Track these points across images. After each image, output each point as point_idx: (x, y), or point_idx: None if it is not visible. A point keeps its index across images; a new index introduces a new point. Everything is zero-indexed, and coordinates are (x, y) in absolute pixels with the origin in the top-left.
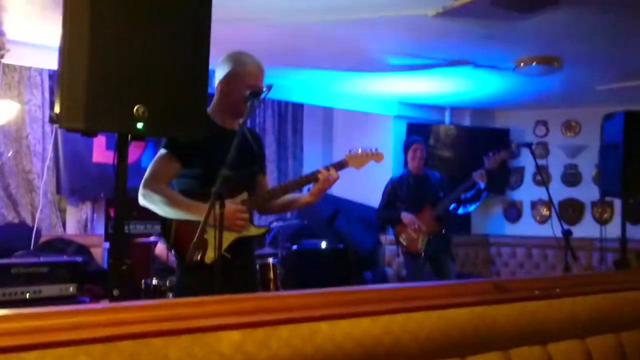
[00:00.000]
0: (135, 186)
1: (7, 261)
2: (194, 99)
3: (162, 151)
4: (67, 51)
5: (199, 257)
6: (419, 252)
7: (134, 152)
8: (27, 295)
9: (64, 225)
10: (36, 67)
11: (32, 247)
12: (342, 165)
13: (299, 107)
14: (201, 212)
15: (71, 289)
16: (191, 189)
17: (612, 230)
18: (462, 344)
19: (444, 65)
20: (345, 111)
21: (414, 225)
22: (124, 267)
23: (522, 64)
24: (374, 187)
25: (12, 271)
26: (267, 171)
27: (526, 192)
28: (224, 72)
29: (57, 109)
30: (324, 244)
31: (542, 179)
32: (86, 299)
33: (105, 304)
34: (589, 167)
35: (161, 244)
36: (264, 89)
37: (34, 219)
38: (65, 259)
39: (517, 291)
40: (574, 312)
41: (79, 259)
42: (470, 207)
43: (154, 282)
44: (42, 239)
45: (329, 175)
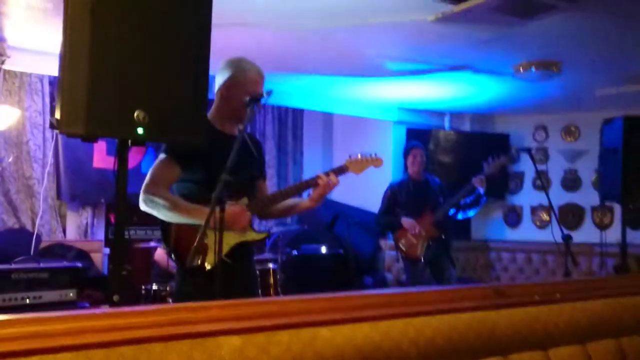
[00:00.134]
0: (135, 191)
1: (7, 267)
2: (194, 104)
3: (162, 156)
4: (67, 57)
5: (199, 262)
6: (418, 257)
7: (134, 157)
8: (28, 300)
9: (64, 230)
10: (37, 73)
11: (32, 253)
12: (342, 170)
13: (299, 113)
14: (203, 216)
15: (71, 294)
16: (191, 194)
17: (612, 235)
18: (463, 349)
19: (444, 70)
20: (345, 116)
21: (414, 230)
22: (124, 273)
23: (521, 69)
24: (374, 192)
25: (12, 277)
26: (267, 176)
27: (526, 197)
28: (224, 77)
29: (57, 115)
30: (323, 249)
31: (542, 184)
32: (86, 305)
33: (105, 309)
34: (588, 172)
35: (160, 249)
36: (264, 95)
37: (34, 224)
38: (65, 264)
39: (518, 296)
40: (574, 317)
41: (79, 265)
42: (469, 213)
43: (154, 287)
44: (43, 245)
45: (328, 180)
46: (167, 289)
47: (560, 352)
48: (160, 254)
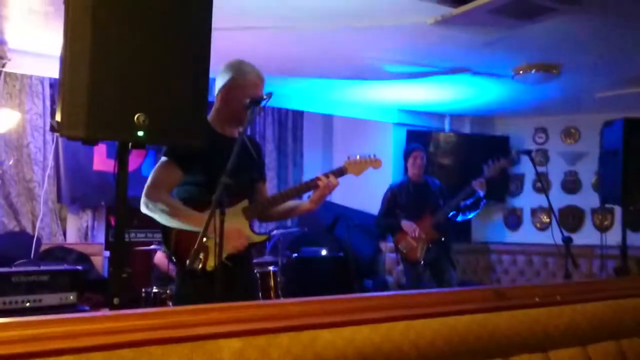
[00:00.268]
0: (135, 194)
1: (7, 270)
2: (194, 107)
3: (163, 159)
4: (68, 60)
5: (200, 265)
6: (418, 260)
7: (134, 160)
8: (28, 303)
9: (65, 233)
10: (37, 75)
11: (32, 256)
12: (341, 172)
13: (299, 115)
14: (200, 223)
15: (71, 297)
16: (192, 196)
17: (613, 237)
18: (463, 352)
19: (443, 72)
20: (345, 119)
21: (414, 232)
22: (124, 276)
23: (521, 72)
24: (374, 194)
25: (12, 280)
26: (267, 179)
27: (526, 199)
28: (224, 80)
29: (58, 118)
30: (324, 252)
31: (542, 186)
32: (86, 308)
33: (105, 312)
34: (589, 174)
35: (160, 252)
36: (264, 97)
37: (34, 227)
38: (65, 267)
39: (518, 298)
40: (575, 320)
41: (79, 268)
42: (469, 215)
43: (154, 290)
44: (43, 248)
45: (328, 182)
46: (167, 292)
47: (560, 354)
48: (160, 257)
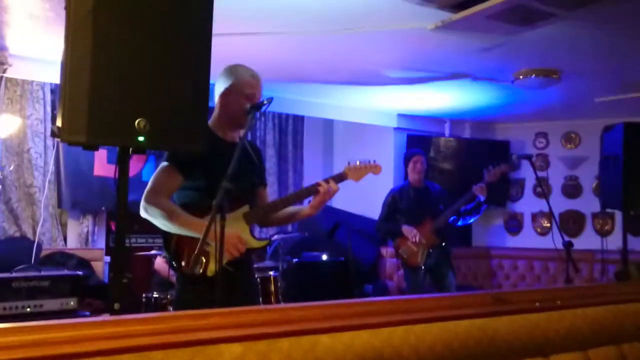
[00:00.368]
0: (136, 200)
1: (8, 275)
2: (195, 112)
3: (164, 164)
4: (68, 65)
5: (200, 270)
6: (419, 265)
7: (135, 165)
8: (28, 309)
9: (65, 239)
10: (38, 81)
11: (33, 261)
12: (341, 177)
13: (299, 120)
14: (200, 229)
15: (72, 303)
16: (192, 201)
17: (613, 242)
18: (463, 357)
19: (443, 78)
20: (345, 123)
21: (414, 237)
22: (124, 281)
23: (521, 77)
24: (375, 199)
25: (13, 285)
26: (267, 184)
27: (527, 204)
28: (221, 85)
29: (58, 123)
30: (324, 257)
31: (543, 190)
32: (87, 313)
33: (106, 317)
34: (589, 178)
35: (160, 258)
36: (265, 102)
37: (35, 232)
38: (66, 272)
39: (518, 303)
40: (575, 324)
41: (80, 273)
42: (469, 220)
43: (155, 295)
44: (43, 253)
45: (329, 187)
46: (168, 297)
47: (560, 359)
48: (160, 263)
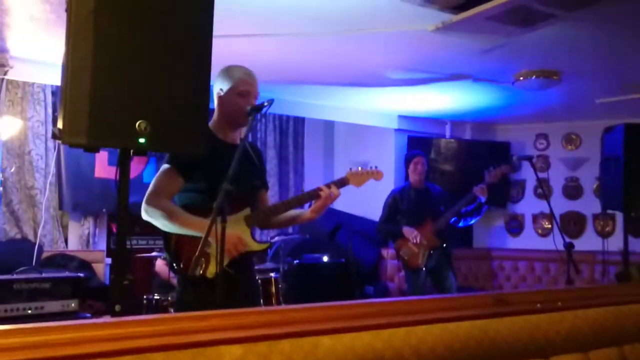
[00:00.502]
0: (137, 201)
1: (9, 277)
2: (195, 114)
3: (165, 166)
4: (69, 67)
5: (201, 272)
6: (419, 266)
7: (136, 167)
8: (29, 311)
9: (66, 240)
10: (39, 83)
11: (34, 263)
12: (343, 182)
13: (300, 121)
14: (201, 229)
15: (73, 304)
16: (193, 203)
17: (614, 243)
18: (464, 358)
19: (444, 79)
20: (346, 125)
21: (415, 239)
22: (125, 283)
23: (521, 78)
24: (376, 201)
25: (14, 287)
26: (269, 186)
27: (527, 205)
28: (217, 86)
29: (59, 125)
30: (325, 258)
31: (544, 192)
32: (88, 315)
33: (107, 319)
34: (590, 179)
35: (160, 260)
36: (265, 104)
37: (36, 234)
38: (67, 274)
39: (519, 304)
40: (576, 325)
41: (81, 275)
42: (470, 221)
43: (156, 297)
44: (44, 255)
45: (330, 192)
46: (169, 298)
47: None
48: (161, 265)
